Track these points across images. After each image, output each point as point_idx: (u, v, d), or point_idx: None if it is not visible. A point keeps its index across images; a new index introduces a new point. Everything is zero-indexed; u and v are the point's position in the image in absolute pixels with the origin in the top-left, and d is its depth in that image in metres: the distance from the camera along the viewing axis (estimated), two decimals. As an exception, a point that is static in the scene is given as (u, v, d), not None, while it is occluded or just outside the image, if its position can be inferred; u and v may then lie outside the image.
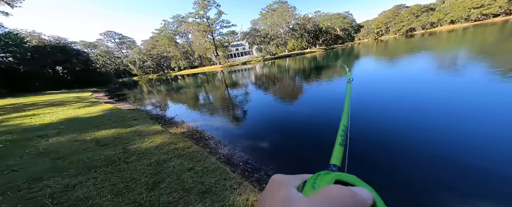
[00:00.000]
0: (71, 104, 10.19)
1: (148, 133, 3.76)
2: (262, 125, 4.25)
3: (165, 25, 54.90)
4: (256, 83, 11.40)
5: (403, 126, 3.12)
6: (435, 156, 2.34)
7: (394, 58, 11.47)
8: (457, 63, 7.12)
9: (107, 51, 58.40)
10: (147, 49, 58.84)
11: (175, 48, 54.80)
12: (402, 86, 5.34)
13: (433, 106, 3.70)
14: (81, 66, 26.71)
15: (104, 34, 59.57)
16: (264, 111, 5.38)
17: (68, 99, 12.69)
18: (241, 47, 59.21)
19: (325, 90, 6.57)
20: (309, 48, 52.36)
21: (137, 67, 60.64)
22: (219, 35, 47.60)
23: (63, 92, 18.56)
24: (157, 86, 21.85)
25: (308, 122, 3.94)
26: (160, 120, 5.58)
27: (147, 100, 11.78)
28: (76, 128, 4.60)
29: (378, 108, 4.04)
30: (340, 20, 53.63)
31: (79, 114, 6.82)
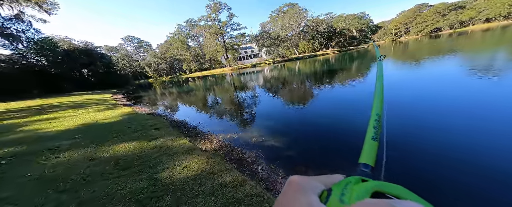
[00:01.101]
0: (92, 106, 10.09)
1: (177, 151, 2.93)
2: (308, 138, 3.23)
3: (178, 29, 56.98)
4: (273, 87, 10.40)
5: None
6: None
7: (425, 61, 9.60)
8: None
9: (126, 55, 62.07)
10: (161, 53, 61.34)
11: (187, 51, 56.36)
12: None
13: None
14: (104, 69, 28.09)
15: (125, 38, 63.59)
16: (298, 118, 4.35)
17: (90, 101, 12.84)
18: (249, 50, 59.11)
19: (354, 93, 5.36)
20: (322, 51, 50.35)
21: (152, 69, 63.30)
22: (229, 38, 47.92)
23: (87, 94, 19.28)
24: (170, 88, 21.96)
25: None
26: (183, 129, 4.81)
27: (164, 104, 11.40)
28: (93, 137, 3.97)
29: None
30: (355, 21, 51.06)
31: (98, 118, 6.37)
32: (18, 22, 19.99)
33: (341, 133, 3.35)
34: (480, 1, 51.84)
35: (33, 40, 21.40)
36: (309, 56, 41.85)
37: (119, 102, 13.11)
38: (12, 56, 19.32)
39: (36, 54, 21.49)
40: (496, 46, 11.32)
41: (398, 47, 26.81)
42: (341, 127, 3.62)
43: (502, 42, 12.41)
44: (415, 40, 39.31)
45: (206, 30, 46.18)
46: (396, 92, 5.13)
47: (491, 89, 4.33)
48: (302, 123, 4.32)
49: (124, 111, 8.08)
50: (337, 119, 4.09)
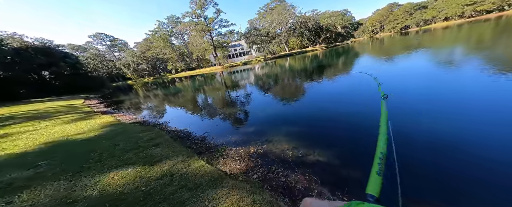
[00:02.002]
0: (58, 116, 8.27)
1: (198, 181, 2.17)
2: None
3: (159, 26, 52.61)
4: (280, 85, 9.88)
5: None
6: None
7: (400, 55, 10.82)
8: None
9: (98, 54, 55.28)
10: (141, 52, 56.18)
11: (171, 49, 52.49)
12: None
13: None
14: (70, 70, 24.24)
15: (94, 36, 56.41)
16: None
17: (55, 109, 10.66)
18: (239, 48, 57.75)
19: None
20: (311, 47, 51.57)
21: (131, 70, 57.63)
22: (217, 35, 45.90)
23: (51, 100, 16.29)
24: (156, 91, 19.95)
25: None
26: (189, 142, 3.96)
27: (153, 109, 10.01)
28: (65, 163, 2.91)
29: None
30: (340, 17, 53.23)
31: (69, 133, 5.05)
32: None
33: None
34: (439, 2, 58.64)
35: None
36: (299, 53, 42.35)
37: (95, 109, 11.19)
38: None
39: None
40: (454, 42, 12.90)
41: (375, 43, 28.68)
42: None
43: (458, 39, 14.07)
44: (389, 37, 42.84)
45: (191, 27, 43.32)
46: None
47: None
48: (341, 123, 3.85)
49: (104, 120, 6.71)
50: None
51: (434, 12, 59.59)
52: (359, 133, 3.29)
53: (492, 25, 21.22)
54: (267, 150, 3.09)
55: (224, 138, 4.01)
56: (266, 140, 3.49)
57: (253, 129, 4.31)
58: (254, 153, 3.06)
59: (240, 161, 2.82)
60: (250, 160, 2.80)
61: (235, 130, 4.52)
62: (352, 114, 4.24)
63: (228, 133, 4.27)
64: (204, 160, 2.80)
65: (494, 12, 46.49)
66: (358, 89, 6.08)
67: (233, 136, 4.05)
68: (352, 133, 3.38)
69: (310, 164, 2.50)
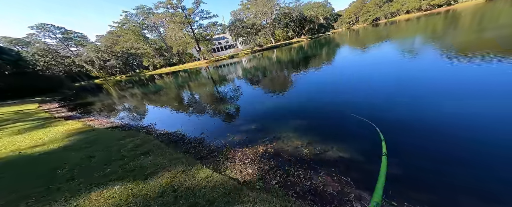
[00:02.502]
0: (5, 126, 6.61)
1: (209, 197, 1.79)
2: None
3: (126, 17, 45.89)
4: (272, 77, 9.58)
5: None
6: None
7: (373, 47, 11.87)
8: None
9: (47, 49, 46.12)
10: (106, 46, 49.01)
11: (144, 44, 46.90)
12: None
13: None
14: (12, 69, 19.73)
15: (37, 27, 45.95)
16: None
17: (1, 117, 8.56)
18: (224, 41, 54.92)
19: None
20: (296, 38, 51.89)
21: (97, 67, 50.23)
22: (199, 28, 42.48)
23: (-11, 108, 13.12)
24: (132, 89, 17.81)
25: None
26: (185, 146, 3.46)
27: (131, 110, 8.78)
28: (20, 187, 2.19)
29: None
30: (321, 9, 54.13)
31: (23, 145, 3.99)
32: None
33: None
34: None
35: None
36: (285, 44, 42.26)
37: (56, 114, 9.36)
38: None
39: None
40: (416, 33, 14.72)
41: (353, 34, 30.40)
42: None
43: (419, 30, 15.92)
44: (363, 28, 45.73)
45: (167, 19, 38.84)
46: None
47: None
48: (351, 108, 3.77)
49: (70, 127, 5.56)
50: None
51: (398, 5, 65.60)
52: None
53: (442, 17, 24.26)
54: (278, 149, 2.83)
55: (224, 137, 3.62)
56: (274, 137, 3.23)
57: (255, 125, 4.00)
58: (264, 153, 2.78)
59: (250, 164, 2.52)
60: (262, 162, 2.52)
61: (236, 127, 4.14)
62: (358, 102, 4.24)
63: (228, 132, 3.88)
64: (210, 167, 2.41)
65: (444, 6, 53.70)
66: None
67: (234, 134, 3.69)
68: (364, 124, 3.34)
69: (333, 162, 2.30)
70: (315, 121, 3.77)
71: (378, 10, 75.22)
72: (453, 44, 7.71)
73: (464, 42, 7.66)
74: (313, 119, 3.88)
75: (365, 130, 2.72)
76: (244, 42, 51.09)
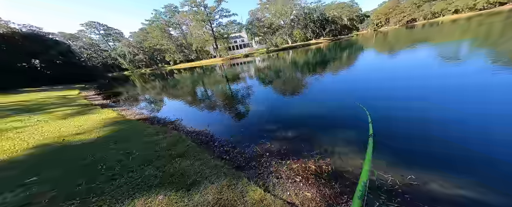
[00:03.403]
0: (52, 109, 7.35)
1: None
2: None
3: (156, 15, 49.55)
4: (290, 79, 8.96)
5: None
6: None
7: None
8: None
9: (91, 43, 52.54)
10: (137, 42, 53.51)
11: (169, 40, 49.94)
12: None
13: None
14: (61, 58, 22.67)
15: (87, 25, 53.05)
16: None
17: (49, 101, 9.70)
18: (239, 40, 55.30)
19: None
20: (315, 39, 49.54)
21: (127, 61, 55.25)
22: (218, 26, 43.46)
23: (44, 90, 15.17)
24: (155, 82, 18.94)
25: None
26: (218, 150, 3.18)
27: (156, 103, 9.12)
28: (64, 182, 2.12)
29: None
30: (346, 9, 50.67)
31: (66, 131, 4.21)
32: None
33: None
34: (451, -7, 55.98)
35: None
36: (302, 45, 40.64)
37: (93, 101, 10.25)
38: None
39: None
40: (466, 36, 12.13)
41: (380, 37, 27.26)
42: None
43: (472, 34, 12.99)
44: (394, 30, 41.04)
45: (190, 17, 40.66)
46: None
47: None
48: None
49: (106, 116, 5.84)
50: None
51: (444, 4, 57.31)
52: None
53: (503, 18, 19.91)
54: (338, 168, 2.32)
55: (259, 144, 3.24)
56: (325, 151, 2.73)
57: (294, 133, 3.53)
58: (319, 171, 2.30)
59: (305, 184, 2.07)
60: (321, 184, 2.05)
61: (269, 134, 3.72)
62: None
63: (261, 138, 3.47)
64: (258, 184, 2.03)
65: (509, 4, 43.56)
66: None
67: (270, 142, 3.27)
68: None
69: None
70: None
71: (416, 10, 67.05)
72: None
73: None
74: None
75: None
76: (259, 41, 50.69)
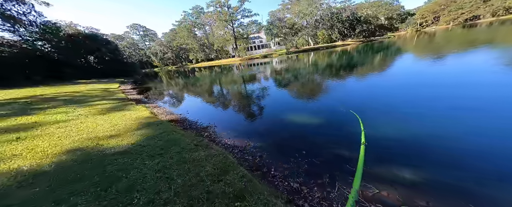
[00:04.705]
0: (94, 102, 7.73)
1: None
2: None
3: (185, 17, 52.91)
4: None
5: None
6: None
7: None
8: None
9: (132, 43, 59.55)
10: (167, 41, 58.18)
11: (193, 40, 52.67)
12: None
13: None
14: (110, 55, 25.76)
15: (130, 27, 60.51)
16: None
17: (93, 93, 10.55)
18: (258, 40, 54.49)
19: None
20: (341, 41, 44.69)
21: (158, 58, 60.60)
22: (239, 26, 43.48)
23: (93, 82, 17.18)
24: (179, 79, 19.71)
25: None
26: (278, 182, 2.24)
27: (184, 100, 8.90)
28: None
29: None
30: (384, 7, 44.64)
31: (101, 131, 3.93)
32: (19, 4, 17.49)
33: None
34: (536, -17, 43.18)
35: (35, 23, 18.98)
36: (326, 47, 37.23)
37: (129, 95, 10.77)
38: (13, 40, 17.21)
39: (38, 38, 19.30)
40: None
41: (423, 38, 22.32)
42: None
43: None
44: (445, 30, 33.73)
45: (214, 17, 41.86)
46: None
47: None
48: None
49: (140, 114, 5.61)
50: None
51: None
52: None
53: None
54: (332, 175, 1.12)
55: (337, 180, 2.16)
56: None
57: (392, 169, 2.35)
58: None
59: None
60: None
61: (341, 162, 2.60)
62: None
63: (334, 169, 2.39)
64: None
65: None
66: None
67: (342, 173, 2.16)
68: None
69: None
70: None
71: (481, 5, 53.34)
72: None
73: None
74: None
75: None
76: (278, 43, 48.59)
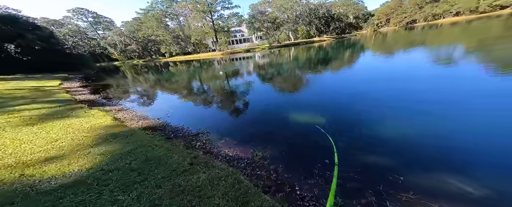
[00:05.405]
0: (16, 107, 5.43)
1: None
2: None
3: (152, 5, 45.79)
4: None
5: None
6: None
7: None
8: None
9: (78, 30, 48.21)
10: (130, 31, 49.66)
11: (165, 31, 46.50)
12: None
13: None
14: (41, 44, 19.75)
15: (73, 11, 48.45)
16: None
17: (17, 93, 7.60)
18: (239, 34, 52.68)
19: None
20: (318, 37, 48.04)
21: (118, 50, 51.28)
22: (219, 18, 40.66)
23: (17, 79, 12.83)
24: (148, 74, 17.12)
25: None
26: None
27: (160, 100, 7.40)
28: None
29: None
30: (353, 7, 49.21)
31: (30, 154, 2.57)
32: None
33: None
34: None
35: None
36: (305, 43, 39.13)
37: (77, 95, 8.28)
38: None
39: None
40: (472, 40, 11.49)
41: (380, 38, 26.16)
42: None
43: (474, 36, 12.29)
44: (393, 31, 40.18)
45: (190, 7, 37.51)
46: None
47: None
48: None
49: (97, 122, 4.17)
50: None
51: (447, 5, 56.55)
52: None
53: (503, 22, 19.19)
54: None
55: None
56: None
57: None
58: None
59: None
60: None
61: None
62: None
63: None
64: None
65: (510, 8, 41.49)
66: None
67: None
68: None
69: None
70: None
71: (417, 11, 66.12)
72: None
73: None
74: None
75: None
76: (260, 37, 48.34)
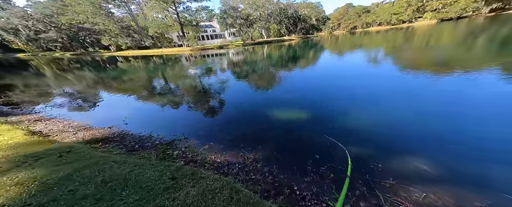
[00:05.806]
0: None
1: None
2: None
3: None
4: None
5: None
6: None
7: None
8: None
9: None
10: (44, 14, 35.88)
11: (107, 20, 36.17)
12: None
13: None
14: None
15: None
16: None
17: None
18: (210, 29, 48.47)
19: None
20: (288, 36, 50.59)
21: (23, 39, 36.03)
22: (186, 11, 35.47)
23: None
24: (81, 71, 13.57)
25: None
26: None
27: (102, 103, 5.51)
28: None
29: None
30: (314, 9, 54.31)
31: None
32: None
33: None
34: (378, 9, 72.40)
35: None
36: (277, 41, 40.23)
37: None
38: None
39: None
40: (383, 44, 15.82)
41: (334, 39, 31.50)
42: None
43: (387, 42, 17.14)
44: (342, 35, 48.54)
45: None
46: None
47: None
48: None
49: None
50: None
51: (374, 16, 72.99)
52: None
53: (403, 32, 27.70)
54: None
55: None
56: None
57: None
58: None
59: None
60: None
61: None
62: None
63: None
64: None
65: (406, 23, 61.92)
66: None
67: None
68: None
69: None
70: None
71: (357, 19, 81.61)
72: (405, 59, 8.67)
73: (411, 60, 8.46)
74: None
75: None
76: (233, 33, 46.34)
